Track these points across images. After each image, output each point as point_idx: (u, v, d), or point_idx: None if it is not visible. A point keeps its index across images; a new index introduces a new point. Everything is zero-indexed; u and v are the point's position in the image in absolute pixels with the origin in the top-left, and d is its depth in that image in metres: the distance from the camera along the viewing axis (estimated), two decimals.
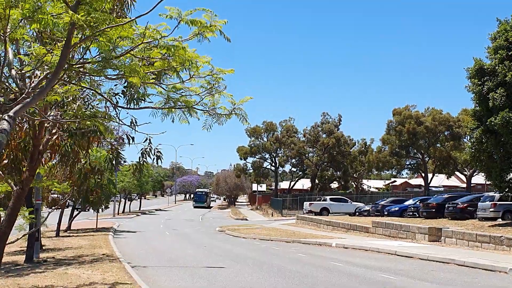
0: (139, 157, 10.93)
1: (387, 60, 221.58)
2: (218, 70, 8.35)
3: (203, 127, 9.24)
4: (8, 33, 6.81)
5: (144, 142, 10.38)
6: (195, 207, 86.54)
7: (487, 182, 43.33)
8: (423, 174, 63.34)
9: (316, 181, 76.74)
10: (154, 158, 10.89)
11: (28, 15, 6.33)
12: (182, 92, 8.83)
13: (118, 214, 60.79)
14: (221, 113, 9.06)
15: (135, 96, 9.15)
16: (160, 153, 10.67)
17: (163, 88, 8.78)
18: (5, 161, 12.18)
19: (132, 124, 10.16)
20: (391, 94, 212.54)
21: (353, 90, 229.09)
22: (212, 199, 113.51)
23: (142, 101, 9.44)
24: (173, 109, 9.03)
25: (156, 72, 8.21)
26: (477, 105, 25.04)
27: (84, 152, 13.40)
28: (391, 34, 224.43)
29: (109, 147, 15.36)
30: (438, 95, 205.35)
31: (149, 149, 10.53)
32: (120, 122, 10.50)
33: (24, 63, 8.80)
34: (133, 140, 11.71)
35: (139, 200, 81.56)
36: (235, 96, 9.14)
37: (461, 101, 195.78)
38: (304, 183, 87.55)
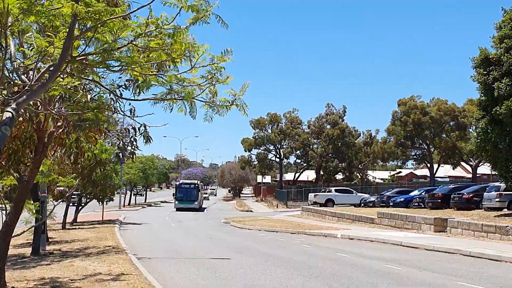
0: (130, 142, 11.53)
1: (390, 52, 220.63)
2: (218, 59, 8.44)
3: (205, 119, 9.40)
4: (8, 26, 6.79)
5: (140, 128, 10.84)
6: (178, 209, 56.00)
7: (493, 172, 43.18)
8: (428, 165, 63.20)
9: (321, 172, 76.71)
10: (144, 141, 11.34)
11: (26, 8, 6.30)
12: (184, 83, 8.87)
13: (124, 206, 61.06)
14: (222, 105, 9.24)
15: (142, 86, 9.20)
16: (150, 137, 11.19)
17: (165, 80, 8.80)
18: None
19: (132, 113, 10.30)
20: (396, 85, 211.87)
21: (357, 81, 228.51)
22: (205, 194, 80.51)
23: (147, 90, 9.58)
24: (174, 100, 9.11)
25: (157, 64, 8.24)
26: (482, 95, 24.88)
27: (89, 144, 13.48)
28: (394, 28, 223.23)
29: (115, 140, 15.56)
30: (443, 85, 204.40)
31: (140, 133, 11.03)
32: (124, 113, 10.56)
33: (27, 56, 8.79)
34: (138, 130, 11.92)
35: (144, 192, 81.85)
36: (237, 87, 9.33)
37: (467, 91, 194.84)
38: (308, 175, 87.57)
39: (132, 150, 12.57)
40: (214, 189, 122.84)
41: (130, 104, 10.38)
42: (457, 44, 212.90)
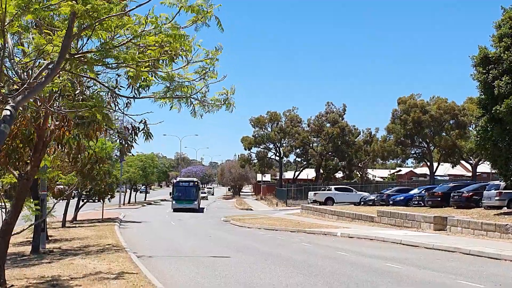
0: (129, 133, 11.61)
1: (390, 52, 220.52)
2: (212, 53, 8.64)
3: (194, 114, 9.68)
4: (6, 24, 6.77)
5: (140, 123, 11.03)
6: (175, 209, 50.98)
7: (493, 171, 43.10)
8: (428, 163, 63.18)
9: (321, 171, 76.71)
10: (144, 137, 11.42)
11: (23, 6, 6.29)
12: (178, 79, 9.01)
13: (124, 204, 61.02)
14: (213, 103, 9.69)
15: (133, 83, 9.29)
16: (150, 133, 11.32)
17: (159, 78, 8.91)
18: None
19: (128, 105, 10.42)
20: (396, 85, 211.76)
21: (357, 81, 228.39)
22: (203, 194, 73.41)
23: (147, 88, 9.70)
24: (171, 99, 9.29)
25: (153, 61, 8.31)
26: (482, 93, 24.86)
27: (89, 141, 13.50)
28: (394, 28, 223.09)
29: (115, 138, 15.57)
30: (443, 84, 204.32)
31: (140, 127, 11.21)
32: (122, 112, 10.58)
33: (26, 53, 8.77)
34: (138, 130, 11.94)
35: (145, 190, 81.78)
36: (234, 86, 9.73)
37: (467, 90, 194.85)
38: (308, 173, 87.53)
39: (130, 143, 12.56)
40: (211, 188, 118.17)
41: (128, 100, 10.41)
42: (457, 44, 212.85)
